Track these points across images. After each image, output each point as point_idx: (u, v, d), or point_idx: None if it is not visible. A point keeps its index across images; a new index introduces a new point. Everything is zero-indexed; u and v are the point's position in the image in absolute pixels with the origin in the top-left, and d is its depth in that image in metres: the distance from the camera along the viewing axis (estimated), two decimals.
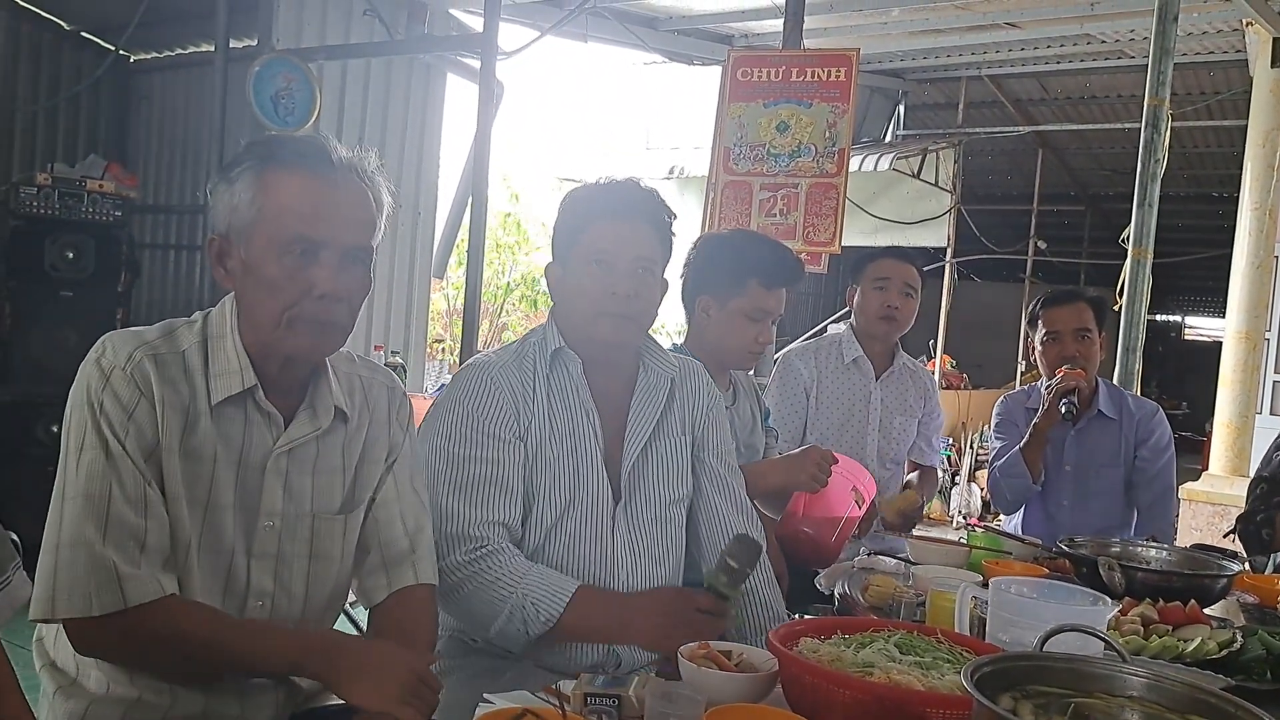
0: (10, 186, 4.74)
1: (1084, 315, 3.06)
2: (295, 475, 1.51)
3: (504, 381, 1.77)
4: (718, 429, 1.99)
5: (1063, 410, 2.95)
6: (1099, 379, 3.16)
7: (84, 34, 6.28)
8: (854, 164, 7.29)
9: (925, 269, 3.23)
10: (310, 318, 1.43)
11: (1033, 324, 3.17)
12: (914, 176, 9.06)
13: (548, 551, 1.77)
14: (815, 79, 4.19)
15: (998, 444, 3.20)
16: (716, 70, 5.50)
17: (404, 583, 1.60)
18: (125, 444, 1.37)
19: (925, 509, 2.49)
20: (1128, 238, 4.04)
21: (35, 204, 4.70)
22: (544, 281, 2.05)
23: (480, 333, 5.38)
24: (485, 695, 1.42)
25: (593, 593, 1.72)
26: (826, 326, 8.87)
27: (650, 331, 1.91)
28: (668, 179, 8.73)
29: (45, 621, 1.35)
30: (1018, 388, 9.79)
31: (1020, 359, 10.37)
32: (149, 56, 6.56)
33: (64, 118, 6.26)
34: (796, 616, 2.07)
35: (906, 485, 3.11)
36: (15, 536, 2.77)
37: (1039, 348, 3.12)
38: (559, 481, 1.78)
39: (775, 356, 2.82)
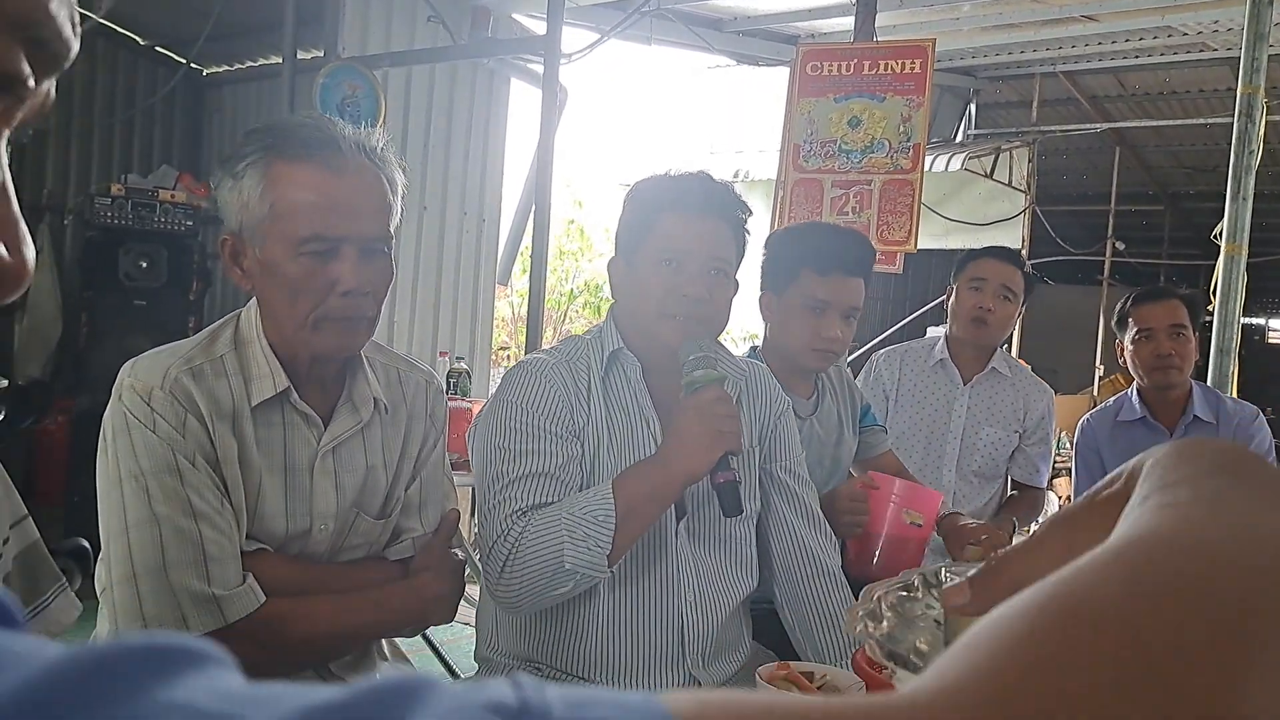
0: (86, 197, 4.83)
1: (1178, 312, 2.89)
2: (343, 474, 1.47)
3: (556, 378, 1.63)
4: (787, 439, 1.85)
5: None
6: (1193, 382, 2.99)
7: (158, 49, 6.42)
8: (924, 164, 7.13)
9: None
10: (337, 315, 1.37)
11: (1121, 324, 3.00)
12: (986, 176, 8.84)
13: None
14: (889, 71, 4.04)
15: (1079, 475, 3.02)
16: (782, 72, 5.40)
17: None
18: (193, 459, 1.33)
19: (1014, 537, 2.27)
20: (1220, 234, 3.85)
21: (109, 214, 4.78)
22: (607, 288, 1.93)
23: (544, 339, 5.34)
24: None
25: (623, 475, 1.55)
26: (923, 328, 8.69)
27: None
28: (732, 183, 8.64)
29: None
30: (1095, 394, 9.41)
31: (1098, 364, 10.06)
32: (220, 70, 6.67)
33: (139, 130, 6.41)
34: None
35: (1006, 503, 2.95)
36: (85, 542, 2.77)
37: (1130, 348, 2.95)
38: None
39: (844, 362, 2.65)
